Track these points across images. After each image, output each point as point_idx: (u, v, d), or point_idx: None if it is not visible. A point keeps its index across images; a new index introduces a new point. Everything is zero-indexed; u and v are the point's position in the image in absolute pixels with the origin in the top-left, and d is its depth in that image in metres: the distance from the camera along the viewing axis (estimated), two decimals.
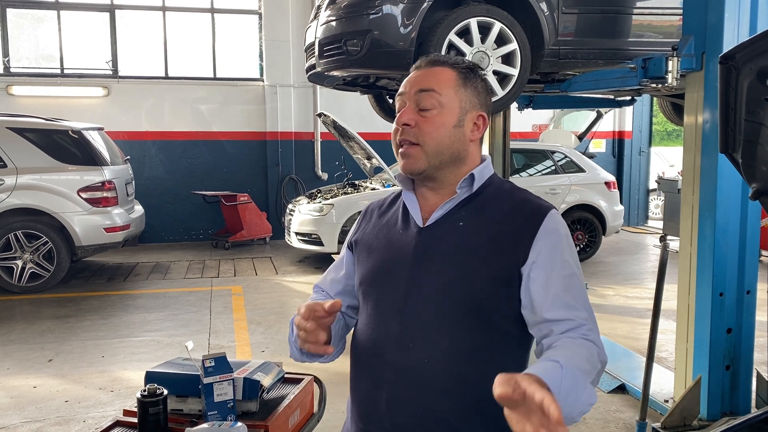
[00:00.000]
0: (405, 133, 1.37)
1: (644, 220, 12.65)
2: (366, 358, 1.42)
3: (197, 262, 8.88)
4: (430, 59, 1.43)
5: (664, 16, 4.73)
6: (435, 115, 1.36)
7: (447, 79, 1.38)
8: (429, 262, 1.36)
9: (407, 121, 1.37)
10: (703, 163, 3.40)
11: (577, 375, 1.13)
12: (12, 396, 4.21)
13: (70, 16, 10.14)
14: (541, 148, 9.25)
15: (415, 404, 1.33)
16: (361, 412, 1.43)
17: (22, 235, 7.03)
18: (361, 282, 1.47)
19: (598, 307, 6.48)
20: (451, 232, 1.37)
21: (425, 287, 1.35)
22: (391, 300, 1.38)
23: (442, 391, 1.32)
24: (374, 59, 4.18)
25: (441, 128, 1.36)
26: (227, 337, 5.43)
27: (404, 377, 1.34)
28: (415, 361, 1.33)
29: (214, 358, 1.95)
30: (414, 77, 1.41)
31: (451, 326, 1.32)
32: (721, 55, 1.84)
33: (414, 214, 1.42)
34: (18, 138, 7.11)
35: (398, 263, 1.39)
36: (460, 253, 1.35)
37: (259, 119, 10.66)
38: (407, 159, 1.38)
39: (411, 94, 1.39)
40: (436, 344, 1.32)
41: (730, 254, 3.38)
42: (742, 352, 3.46)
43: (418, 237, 1.39)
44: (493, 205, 1.39)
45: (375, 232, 1.49)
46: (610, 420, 3.81)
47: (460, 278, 1.33)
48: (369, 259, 1.46)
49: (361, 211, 1.60)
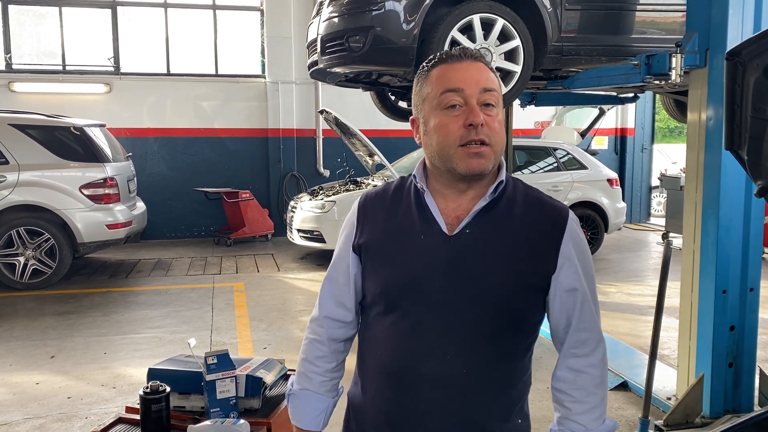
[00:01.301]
0: (479, 132, 1.31)
1: (646, 217, 12.63)
2: (394, 370, 1.39)
3: (199, 259, 8.88)
4: (470, 53, 1.37)
5: (668, 13, 4.71)
6: (497, 114, 1.35)
7: (495, 79, 1.37)
8: (462, 273, 1.34)
9: (482, 121, 1.32)
10: (706, 160, 3.39)
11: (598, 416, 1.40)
12: (14, 392, 4.21)
13: (71, 12, 10.13)
14: (543, 145, 9.23)
15: (453, 414, 1.35)
16: (392, 420, 1.41)
17: (25, 232, 7.04)
18: (381, 292, 1.41)
19: (601, 304, 6.43)
20: (481, 240, 1.35)
21: (459, 298, 1.34)
22: (421, 311, 1.36)
23: (479, 394, 1.36)
24: (377, 56, 4.17)
25: (502, 128, 1.36)
26: (229, 334, 5.43)
27: (442, 388, 1.35)
28: (453, 372, 1.34)
29: (216, 355, 1.95)
30: (468, 74, 1.34)
31: (486, 335, 1.35)
32: (728, 51, 1.83)
33: (438, 218, 1.38)
34: (20, 135, 7.11)
35: (427, 273, 1.36)
36: (492, 263, 1.34)
37: (261, 116, 10.65)
38: (480, 159, 1.32)
39: (474, 92, 1.33)
40: (473, 354, 1.35)
41: (734, 251, 3.37)
42: (744, 350, 3.45)
43: (448, 246, 1.36)
44: (515, 208, 1.38)
45: (386, 236, 1.42)
46: (613, 417, 3.79)
47: (495, 288, 1.34)
48: (386, 267, 1.40)
49: (356, 207, 1.50)
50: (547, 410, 3.88)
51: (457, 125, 1.32)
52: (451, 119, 1.32)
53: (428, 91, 1.37)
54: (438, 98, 1.34)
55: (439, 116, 1.34)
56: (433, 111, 1.35)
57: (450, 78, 1.34)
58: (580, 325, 1.40)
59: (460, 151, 1.32)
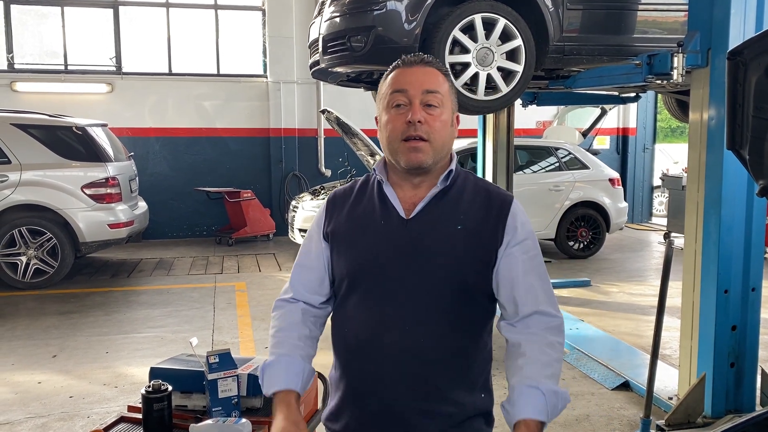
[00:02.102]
0: (418, 129, 1.47)
1: (648, 217, 12.62)
2: (361, 343, 1.53)
3: (201, 258, 8.89)
4: (422, 59, 1.54)
5: (670, 12, 4.71)
6: (439, 114, 1.50)
7: (443, 82, 1.53)
8: (419, 251, 1.50)
9: (421, 118, 1.47)
10: (708, 160, 3.39)
11: (555, 391, 1.44)
12: (17, 391, 4.22)
13: (73, 12, 10.14)
14: (544, 144, 9.22)
15: (415, 377, 1.49)
16: (359, 392, 1.55)
17: (27, 231, 7.05)
18: (346, 273, 1.55)
19: (603, 304, 6.48)
20: (435, 222, 1.51)
21: (417, 274, 1.49)
22: (383, 287, 1.51)
23: (439, 363, 1.49)
24: (378, 55, 4.17)
25: (444, 127, 1.52)
26: (231, 334, 5.44)
27: (405, 358, 1.48)
28: (414, 342, 1.48)
29: (218, 355, 1.95)
30: (415, 77, 1.51)
31: (443, 307, 1.49)
32: (729, 50, 1.83)
33: (396, 205, 1.54)
34: (22, 134, 7.11)
35: (387, 252, 1.51)
36: (447, 241, 1.50)
37: (263, 116, 10.66)
38: (417, 153, 1.49)
39: (417, 93, 1.49)
40: (431, 324, 1.49)
41: (735, 251, 3.36)
42: (746, 350, 3.45)
43: (406, 228, 1.52)
44: (465, 195, 1.55)
45: (351, 223, 1.58)
46: (614, 417, 3.81)
47: (449, 264, 1.49)
48: (351, 249, 1.56)
49: (325, 202, 1.66)
50: None
51: (401, 122, 1.49)
52: (396, 116, 1.50)
53: (383, 91, 1.55)
54: (387, 98, 1.53)
55: (387, 114, 1.52)
56: (384, 109, 1.54)
57: (399, 80, 1.52)
58: (528, 286, 1.50)
59: (402, 146, 1.49)
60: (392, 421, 1.51)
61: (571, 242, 8.78)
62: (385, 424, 1.52)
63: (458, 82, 4.13)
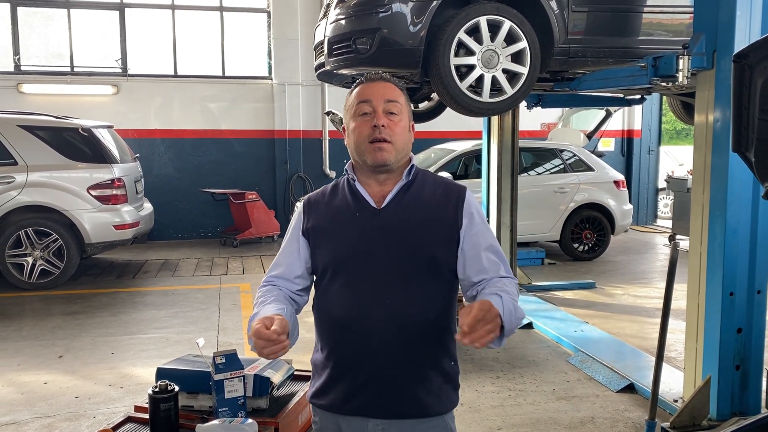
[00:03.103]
0: (382, 132, 1.72)
1: (653, 219, 12.59)
2: (348, 321, 1.72)
3: (206, 259, 8.91)
4: (383, 77, 1.80)
5: (675, 15, 4.71)
6: (399, 120, 1.76)
7: (400, 94, 1.79)
8: (392, 235, 1.72)
9: (384, 123, 1.72)
10: (713, 162, 3.39)
11: (513, 300, 1.64)
12: (23, 392, 4.24)
13: (80, 14, 10.18)
14: (549, 146, 9.21)
15: (400, 345, 1.69)
16: (348, 366, 1.73)
17: (33, 232, 7.08)
18: (330, 261, 1.76)
19: (607, 306, 6.47)
20: (403, 210, 1.75)
21: (393, 253, 1.71)
22: (364, 269, 1.72)
23: (420, 330, 1.71)
24: (383, 57, 4.18)
25: (404, 131, 1.77)
26: (236, 335, 5.45)
27: (390, 326, 1.69)
28: (395, 313, 1.69)
29: (225, 355, 1.96)
30: (377, 90, 1.76)
31: (417, 281, 1.72)
32: (735, 53, 1.83)
33: (367, 198, 1.76)
34: (28, 136, 7.15)
35: (364, 239, 1.73)
36: (415, 225, 1.73)
37: (268, 117, 10.68)
38: (382, 152, 1.72)
39: (380, 102, 1.74)
40: (407, 296, 1.70)
41: (741, 254, 3.36)
42: (752, 352, 3.44)
43: (378, 216, 1.74)
44: (425, 188, 1.79)
45: (328, 218, 1.80)
46: (619, 419, 3.80)
47: (419, 243, 1.72)
48: (332, 240, 1.77)
49: (301, 206, 1.87)
50: (553, 412, 3.88)
51: (367, 127, 1.73)
52: (363, 123, 1.74)
53: (349, 103, 1.80)
54: (355, 107, 1.77)
55: (355, 121, 1.77)
56: (352, 118, 1.78)
57: (364, 92, 1.77)
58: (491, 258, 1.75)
59: (369, 147, 1.73)
60: (382, 386, 1.70)
61: (575, 244, 8.77)
62: (376, 390, 1.70)
63: (463, 84, 4.14)
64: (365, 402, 1.71)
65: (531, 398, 4.09)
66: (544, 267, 8.38)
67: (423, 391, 1.72)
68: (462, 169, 8.81)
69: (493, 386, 4.29)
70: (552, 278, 7.45)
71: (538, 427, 3.68)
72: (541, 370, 4.59)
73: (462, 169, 8.81)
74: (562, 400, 4.06)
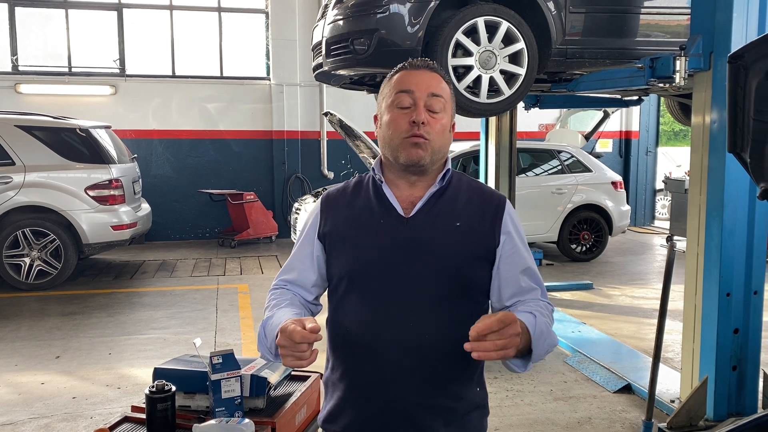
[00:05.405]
0: (420, 129, 1.51)
1: (651, 220, 12.61)
2: (364, 340, 1.53)
3: (203, 260, 8.91)
4: (429, 65, 1.58)
5: (672, 16, 4.71)
6: (441, 118, 1.55)
7: (446, 89, 1.57)
8: (420, 249, 1.53)
9: (424, 120, 1.51)
10: (710, 163, 3.39)
11: (547, 324, 1.47)
12: (20, 392, 4.23)
13: (78, 14, 10.18)
14: (547, 147, 9.22)
15: (419, 372, 1.51)
16: (361, 390, 1.55)
17: (30, 233, 7.07)
18: (347, 271, 1.56)
19: (605, 307, 6.47)
20: (433, 220, 1.55)
21: (417, 270, 1.52)
22: (383, 285, 1.53)
23: (441, 357, 1.52)
24: (381, 58, 4.18)
25: (444, 130, 1.56)
26: (233, 335, 5.45)
27: (408, 351, 1.50)
28: (415, 337, 1.50)
29: (221, 355, 1.96)
30: (421, 80, 1.54)
31: (443, 302, 1.52)
32: (730, 54, 1.83)
33: (395, 204, 1.57)
34: (26, 136, 7.14)
35: (387, 250, 1.53)
36: (446, 238, 1.53)
37: (266, 118, 10.68)
38: (418, 149, 1.52)
39: (423, 95, 1.52)
40: (432, 319, 1.51)
41: (737, 254, 3.36)
42: (749, 353, 3.44)
43: (405, 226, 1.54)
44: (460, 195, 1.59)
45: (349, 223, 1.59)
46: (616, 420, 3.81)
47: (450, 260, 1.52)
48: (349, 248, 1.57)
49: (318, 204, 1.67)
50: (550, 412, 3.89)
51: (405, 121, 1.52)
52: (401, 116, 1.53)
53: (387, 91, 1.58)
54: (393, 97, 1.55)
55: (391, 113, 1.54)
56: (388, 108, 1.56)
57: (405, 81, 1.55)
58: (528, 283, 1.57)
59: (404, 143, 1.52)
60: (396, 417, 1.52)
61: (573, 245, 8.78)
62: (389, 421, 1.53)
63: (461, 85, 4.15)
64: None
65: (528, 399, 4.09)
66: (542, 268, 8.38)
67: (441, 423, 1.53)
68: (460, 170, 8.81)
69: (491, 387, 4.29)
70: (549, 279, 7.45)
71: (536, 428, 3.69)
72: (539, 370, 4.59)
73: (460, 170, 8.81)
74: (560, 401, 4.07)
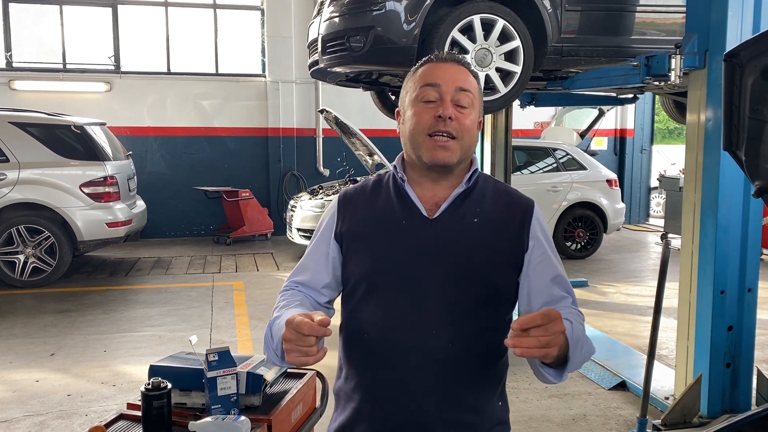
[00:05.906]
0: (447, 125, 1.41)
1: (645, 218, 12.64)
2: (383, 349, 1.44)
3: (199, 257, 8.89)
4: (456, 58, 1.49)
5: (668, 14, 4.72)
6: (469, 114, 1.45)
7: (474, 84, 1.48)
8: (444, 253, 1.43)
9: (451, 115, 1.41)
10: (705, 161, 3.41)
11: (582, 330, 1.39)
12: (14, 390, 4.22)
13: (72, 10, 10.14)
14: (542, 145, 9.24)
15: (441, 384, 1.42)
16: (379, 402, 1.46)
17: (25, 230, 7.05)
18: (365, 275, 1.47)
19: (600, 304, 6.49)
20: (460, 224, 1.45)
21: (442, 276, 1.42)
22: (405, 289, 1.43)
23: (464, 368, 1.43)
24: (377, 56, 4.18)
25: (473, 127, 1.46)
26: (229, 333, 5.44)
27: (428, 362, 1.41)
28: (439, 346, 1.41)
29: (217, 353, 1.96)
30: (448, 73, 1.45)
31: (468, 310, 1.43)
32: (726, 52, 1.84)
33: (418, 204, 1.47)
34: (20, 133, 7.11)
35: (410, 253, 1.44)
36: (472, 244, 1.44)
37: (261, 115, 10.66)
38: (444, 150, 1.42)
39: (450, 89, 1.43)
40: (456, 327, 1.42)
41: (732, 252, 3.38)
42: (742, 350, 3.46)
43: (429, 228, 1.45)
44: (486, 197, 1.50)
45: (368, 223, 1.50)
46: (611, 417, 3.82)
47: (474, 266, 1.43)
48: (370, 250, 1.47)
49: (335, 203, 1.57)
50: (545, 409, 3.90)
51: (429, 116, 1.42)
52: (425, 110, 1.43)
53: (411, 85, 1.49)
54: (417, 91, 1.45)
55: (415, 107, 1.45)
56: (412, 102, 1.46)
57: (431, 74, 1.45)
58: (559, 292, 1.48)
59: (428, 141, 1.43)
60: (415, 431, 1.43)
61: (568, 243, 8.80)
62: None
63: None
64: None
65: (523, 396, 4.10)
66: None
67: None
68: None
69: None
70: None
71: (531, 425, 3.70)
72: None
73: None
74: (555, 398, 4.08)
